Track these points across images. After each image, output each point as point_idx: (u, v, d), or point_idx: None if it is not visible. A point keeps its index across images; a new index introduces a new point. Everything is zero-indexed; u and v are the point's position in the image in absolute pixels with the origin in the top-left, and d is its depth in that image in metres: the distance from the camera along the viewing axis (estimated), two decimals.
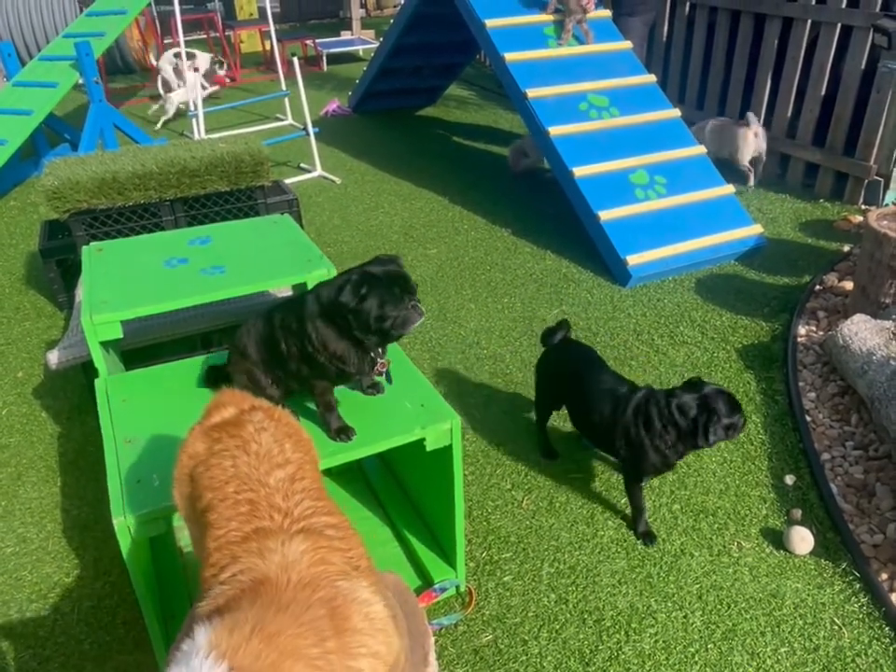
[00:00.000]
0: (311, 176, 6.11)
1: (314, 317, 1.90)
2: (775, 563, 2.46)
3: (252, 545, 1.26)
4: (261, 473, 1.42)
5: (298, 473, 1.45)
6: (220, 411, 1.61)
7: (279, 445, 1.49)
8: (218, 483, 1.42)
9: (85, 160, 3.79)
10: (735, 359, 3.52)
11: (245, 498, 1.37)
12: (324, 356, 1.90)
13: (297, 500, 1.38)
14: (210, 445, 1.50)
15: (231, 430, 1.51)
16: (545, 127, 4.52)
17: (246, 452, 1.46)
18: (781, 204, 5.15)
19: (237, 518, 1.33)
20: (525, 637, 2.23)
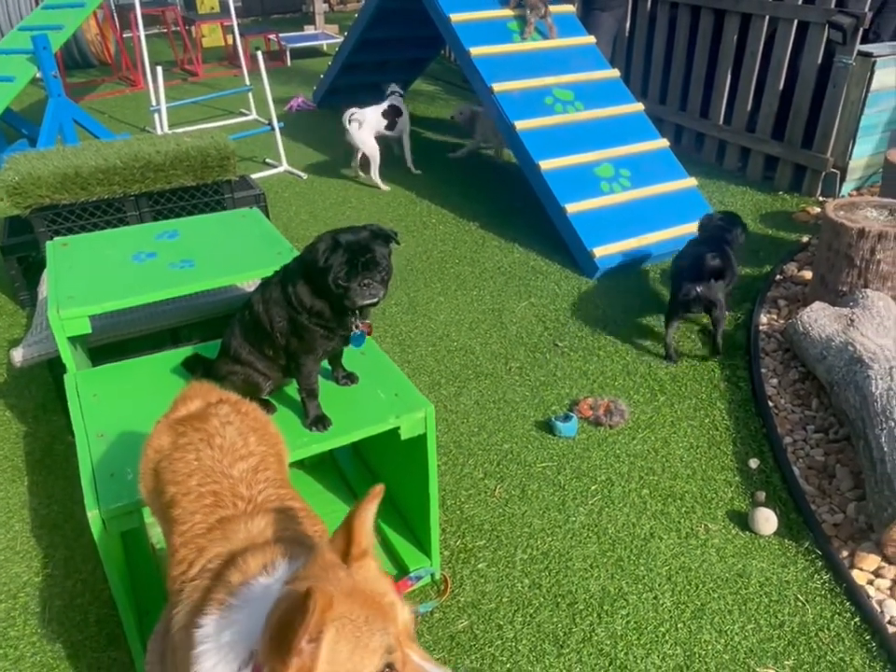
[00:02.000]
0: (276, 171, 6.07)
1: (292, 277, 1.92)
2: (741, 544, 2.53)
3: (216, 534, 1.27)
4: (225, 465, 1.43)
5: (261, 465, 1.46)
6: (187, 404, 1.61)
7: (243, 438, 1.50)
8: (181, 477, 1.42)
9: (46, 154, 3.72)
10: (700, 348, 3.60)
11: (208, 490, 1.38)
12: (305, 315, 1.90)
13: (260, 489, 1.40)
14: (175, 439, 1.50)
15: (196, 424, 1.51)
16: (511, 121, 4.56)
17: (210, 445, 1.46)
18: (742, 197, 5.26)
19: (201, 511, 1.34)
20: (500, 622, 2.27)
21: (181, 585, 1.30)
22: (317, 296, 1.88)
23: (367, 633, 1.01)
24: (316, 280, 1.87)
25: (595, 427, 3.08)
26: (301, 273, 1.92)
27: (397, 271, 4.38)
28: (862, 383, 2.72)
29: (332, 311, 1.90)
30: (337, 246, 1.82)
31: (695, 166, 5.41)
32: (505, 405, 3.23)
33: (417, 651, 1.08)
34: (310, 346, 1.94)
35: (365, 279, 1.82)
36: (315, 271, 1.85)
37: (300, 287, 1.90)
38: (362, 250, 1.82)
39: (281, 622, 0.98)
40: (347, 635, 1.00)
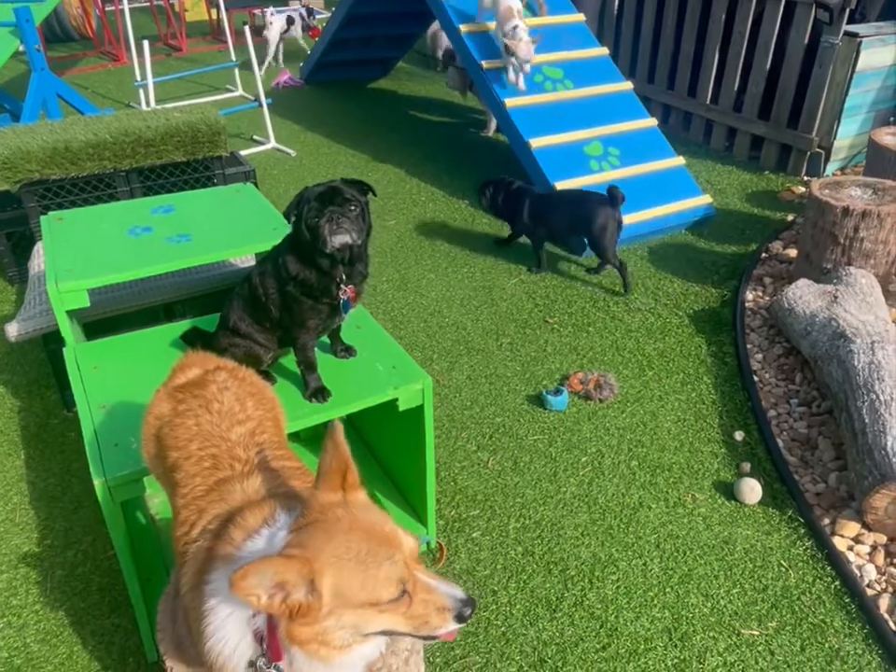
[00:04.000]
0: (265, 148, 6.04)
1: (281, 250, 1.97)
2: (726, 512, 2.60)
3: (214, 495, 1.32)
4: (223, 429, 1.47)
5: (258, 428, 1.50)
6: (185, 372, 1.64)
7: (241, 403, 1.54)
8: (182, 443, 1.46)
9: (34, 129, 3.70)
10: (687, 324, 3.67)
11: (207, 454, 1.42)
12: (292, 285, 1.93)
13: (257, 451, 1.44)
14: (174, 406, 1.54)
15: (195, 391, 1.55)
16: (501, 98, 4.57)
17: (209, 411, 1.50)
18: (728, 176, 5.32)
19: (201, 474, 1.38)
20: (494, 587, 2.33)
21: (184, 547, 1.34)
22: (302, 263, 1.92)
23: (373, 564, 1.08)
24: (296, 240, 1.91)
25: (585, 400, 3.14)
26: (288, 243, 1.97)
27: (387, 248, 4.41)
28: (845, 357, 2.80)
29: (316, 277, 1.92)
30: (307, 194, 1.86)
31: (683, 146, 5.45)
32: (497, 380, 3.29)
33: (424, 571, 1.14)
34: (301, 319, 1.97)
35: (335, 215, 1.82)
36: (293, 230, 1.89)
37: (286, 256, 1.94)
38: (331, 192, 1.85)
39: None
40: (351, 571, 1.08)
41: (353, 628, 1.10)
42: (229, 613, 1.15)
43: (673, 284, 4.01)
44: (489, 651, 2.13)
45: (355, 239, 1.87)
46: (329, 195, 1.84)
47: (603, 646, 2.15)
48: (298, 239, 1.90)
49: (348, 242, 1.86)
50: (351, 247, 1.89)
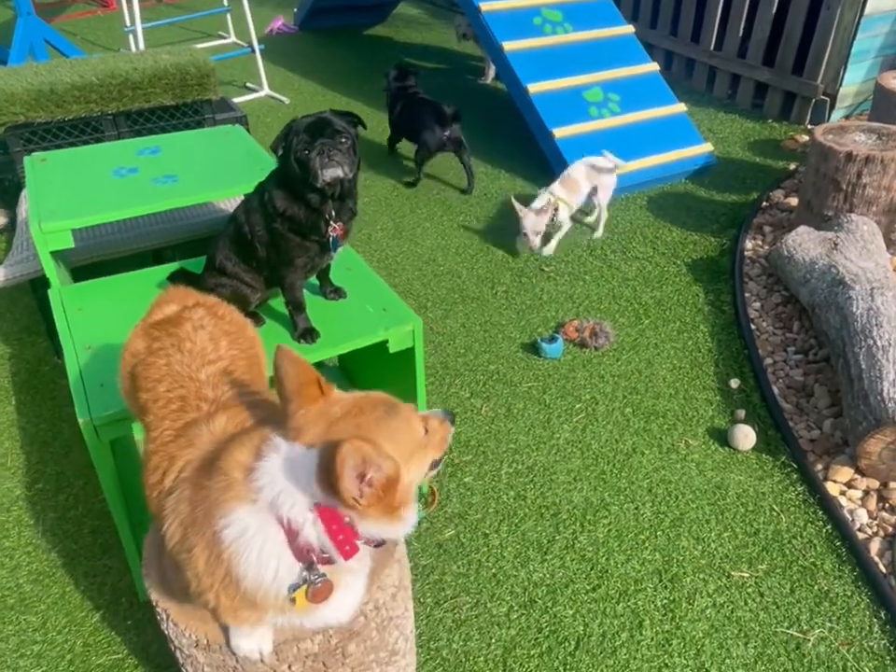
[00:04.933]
0: (258, 96, 5.91)
1: (268, 186, 1.91)
2: (720, 458, 2.60)
3: (182, 441, 1.27)
4: (192, 370, 1.42)
5: (230, 367, 1.45)
6: (163, 308, 1.60)
7: (214, 343, 1.48)
8: (152, 384, 1.41)
9: (19, 70, 3.59)
10: (685, 273, 3.62)
11: (176, 396, 1.37)
12: (279, 221, 1.88)
13: (225, 390, 1.39)
14: (149, 343, 1.49)
15: (170, 328, 1.50)
16: (499, 42, 4.44)
17: (180, 350, 1.45)
18: (731, 124, 5.21)
19: (169, 417, 1.34)
20: (486, 531, 2.33)
21: (158, 499, 1.29)
22: (290, 199, 1.86)
23: (401, 416, 1.19)
24: (284, 175, 1.85)
25: (580, 348, 3.12)
26: (275, 177, 1.91)
27: (381, 197, 4.34)
28: (844, 304, 2.76)
29: (305, 213, 1.87)
30: (295, 125, 1.80)
31: (685, 93, 5.32)
32: (491, 327, 3.26)
33: (420, 412, 1.26)
34: (289, 256, 1.93)
35: (326, 147, 1.76)
36: (281, 164, 1.83)
37: (274, 191, 1.88)
38: (321, 123, 1.79)
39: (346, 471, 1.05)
40: (395, 429, 1.17)
41: (417, 476, 1.19)
42: (261, 544, 1.13)
43: (672, 232, 3.95)
44: (479, 592, 2.14)
45: (346, 173, 1.81)
46: (320, 126, 1.79)
47: (593, 587, 2.16)
48: (286, 173, 1.85)
49: (340, 176, 1.80)
50: (342, 182, 1.83)
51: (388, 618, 1.49)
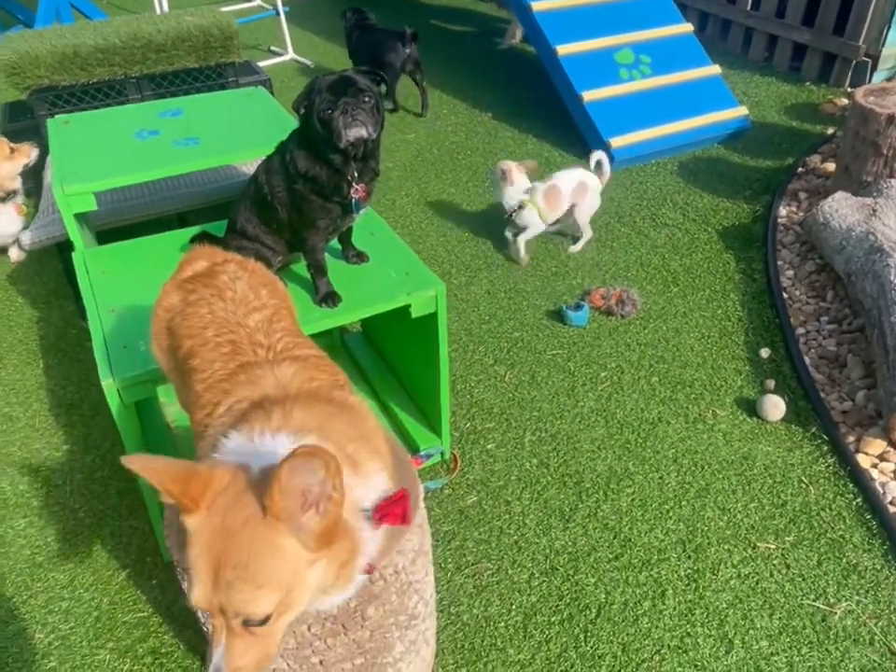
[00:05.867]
0: (282, 60, 5.85)
1: (289, 146, 1.88)
2: (747, 429, 2.55)
3: (241, 377, 1.27)
4: (239, 316, 1.42)
5: (275, 316, 1.46)
6: (192, 265, 1.60)
7: (254, 292, 1.49)
8: (197, 330, 1.42)
9: (43, 33, 3.58)
10: (716, 240, 3.53)
11: (226, 340, 1.38)
12: (301, 182, 1.85)
13: (278, 337, 1.40)
14: (185, 296, 1.50)
15: (206, 281, 1.51)
16: (528, 1, 4.32)
17: (222, 298, 1.46)
18: (767, 87, 5.04)
19: (220, 359, 1.34)
20: (507, 498, 2.32)
21: (206, 423, 1.30)
22: (312, 160, 1.82)
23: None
24: (306, 135, 1.81)
25: (606, 316, 3.07)
26: (297, 137, 1.87)
27: (406, 162, 4.28)
28: (881, 272, 2.67)
29: (327, 174, 1.83)
30: (318, 84, 1.76)
31: (719, 56, 5.14)
32: (516, 294, 3.21)
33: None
34: (310, 218, 1.90)
35: (349, 107, 1.72)
36: (302, 124, 1.79)
37: (295, 152, 1.85)
38: (344, 82, 1.75)
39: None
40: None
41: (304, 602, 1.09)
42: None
43: (703, 199, 3.85)
44: (501, 559, 2.13)
45: (370, 133, 1.77)
46: (343, 85, 1.75)
47: (616, 556, 2.14)
48: (308, 133, 1.81)
49: (363, 135, 1.76)
50: (365, 142, 1.79)
51: (408, 582, 1.48)
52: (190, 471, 1.02)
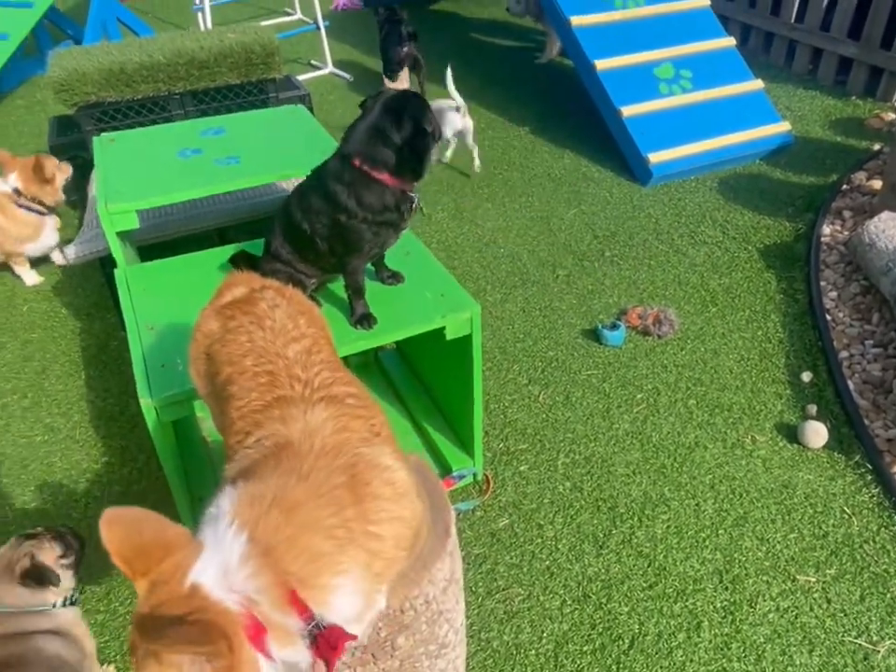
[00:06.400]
0: (321, 73, 5.91)
1: (339, 179, 1.85)
2: (788, 455, 2.49)
3: (274, 412, 1.27)
4: (278, 346, 1.41)
5: (314, 347, 1.44)
6: (231, 290, 1.61)
7: (293, 321, 1.48)
8: (236, 358, 1.42)
9: (90, 50, 3.67)
10: (757, 259, 3.47)
11: (264, 370, 1.37)
12: (355, 214, 1.85)
13: (316, 371, 1.37)
14: (224, 323, 1.50)
15: (244, 308, 1.51)
16: (567, 16, 4.31)
17: (261, 327, 1.45)
18: (811, 102, 4.95)
19: (258, 389, 1.34)
20: (540, 521, 2.30)
21: (235, 450, 1.32)
22: (374, 187, 1.83)
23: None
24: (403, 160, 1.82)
25: (642, 336, 3.03)
26: (348, 171, 1.85)
27: (443, 176, 4.29)
28: None
29: (395, 199, 1.85)
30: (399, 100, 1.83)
31: (762, 69, 5.07)
32: (551, 313, 3.19)
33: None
34: (359, 246, 1.90)
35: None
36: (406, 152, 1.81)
37: (357, 181, 1.83)
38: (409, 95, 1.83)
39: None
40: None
41: None
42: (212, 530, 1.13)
43: (743, 216, 3.79)
44: (532, 584, 2.11)
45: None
46: (419, 98, 1.85)
47: (650, 584, 2.10)
48: (407, 158, 1.82)
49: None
50: None
51: (439, 612, 1.47)
52: (150, 546, 1.05)
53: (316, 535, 1.08)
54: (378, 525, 1.15)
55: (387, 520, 1.16)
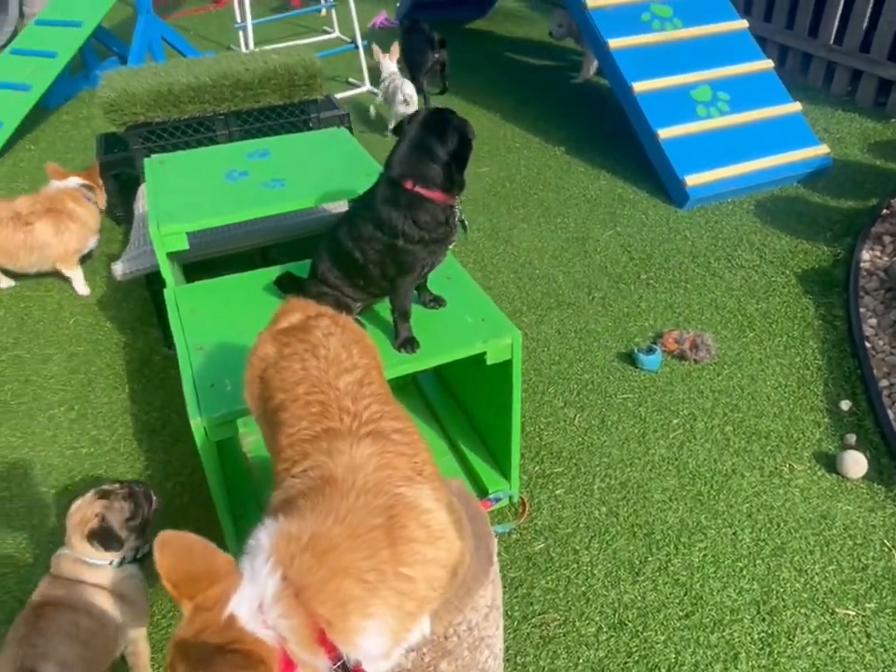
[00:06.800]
0: (359, 91, 6.00)
1: (393, 204, 1.89)
2: (826, 485, 2.47)
3: (322, 444, 1.30)
4: (331, 377, 1.44)
5: (366, 378, 1.47)
6: (287, 317, 1.65)
7: (346, 350, 1.51)
8: (290, 385, 1.45)
9: (139, 72, 3.78)
10: (794, 284, 3.45)
11: (315, 400, 1.40)
12: (419, 235, 1.89)
13: (365, 404, 1.40)
14: (279, 349, 1.54)
15: (300, 335, 1.55)
16: (605, 39, 4.34)
17: (315, 356, 1.48)
18: (850, 124, 4.91)
19: (308, 418, 1.37)
20: (576, 546, 2.31)
21: (284, 477, 1.35)
22: (421, 203, 1.87)
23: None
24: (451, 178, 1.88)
25: (679, 361, 3.03)
26: (388, 196, 1.90)
27: (479, 196, 4.33)
28: None
29: (445, 214, 1.91)
30: (444, 113, 1.89)
31: (799, 91, 5.05)
32: (587, 335, 3.20)
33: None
34: (412, 266, 1.94)
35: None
36: (453, 171, 1.86)
37: (414, 203, 1.87)
38: (445, 111, 1.89)
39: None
40: None
41: None
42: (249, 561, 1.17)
43: (781, 240, 3.77)
44: (568, 609, 2.12)
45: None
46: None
47: (686, 613, 2.10)
48: (454, 172, 1.88)
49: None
50: None
51: (480, 638, 1.49)
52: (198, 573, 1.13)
53: (347, 578, 1.12)
54: (411, 567, 1.17)
55: (421, 562, 1.18)
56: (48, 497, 2.56)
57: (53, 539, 2.40)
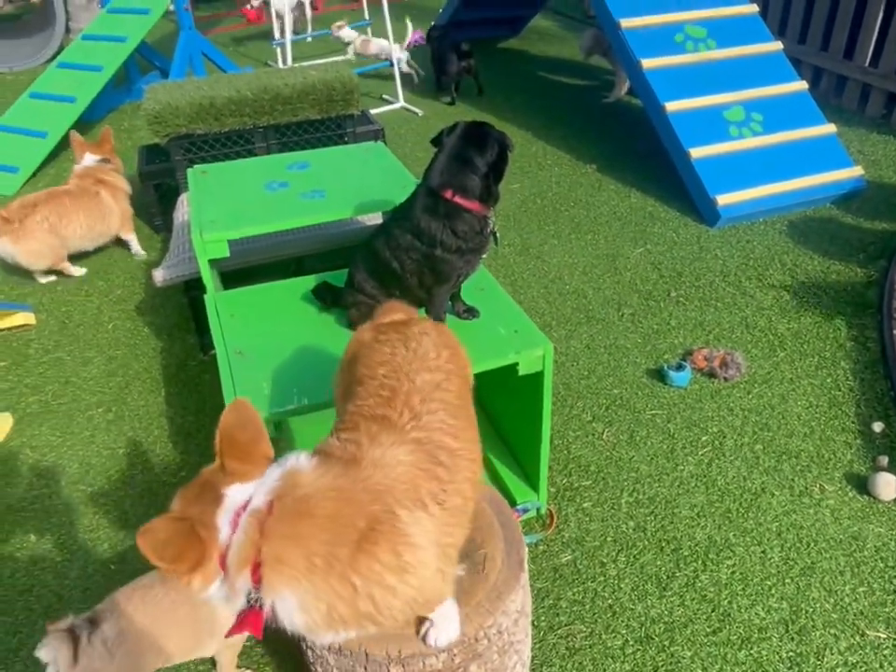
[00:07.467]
0: (393, 108, 6.10)
1: (433, 214, 1.94)
2: (857, 507, 2.45)
3: (373, 427, 1.33)
4: (412, 369, 1.44)
5: (444, 383, 1.45)
6: (390, 315, 1.71)
7: (436, 351, 1.51)
8: (374, 364, 1.49)
9: (182, 85, 3.90)
10: (826, 304, 3.44)
11: (389, 384, 1.42)
12: (456, 245, 1.94)
13: (431, 408, 1.38)
14: (376, 335, 1.59)
15: (399, 327, 1.59)
16: (637, 58, 4.38)
17: (406, 346, 1.51)
18: (885, 146, 4.89)
19: (375, 397, 1.40)
20: (603, 559, 2.31)
21: (334, 432, 1.40)
22: (458, 214, 1.92)
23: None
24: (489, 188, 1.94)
25: (708, 378, 3.03)
26: (426, 205, 1.95)
27: (510, 212, 4.38)
28: None
29: (480, 224, 1.95)
30: (481, 126, 1.98)
31: (833, 113, 5.05)
32: (616, 351, 3.22)
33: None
34: (448, 275, 1.99)
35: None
36: (491, 182, 1.93)
37: (453, 212, 1.92)
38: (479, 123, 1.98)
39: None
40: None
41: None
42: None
43: (813, 261, 3.76)
44: (595, 622, 2.13)
45: None
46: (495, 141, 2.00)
47: (714, 630, 2.09)
48: (491, 183, 1.94)
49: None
50: None
51: (509, 642, 1.51)
52: (241, 445, 1.29)
53: (299, 547, 1.17)
54: (362, 579, 1.17)
55: (375, 582, 1.17)
56: (85, 495, 2.63)
57: (90, 535, 2.46)
